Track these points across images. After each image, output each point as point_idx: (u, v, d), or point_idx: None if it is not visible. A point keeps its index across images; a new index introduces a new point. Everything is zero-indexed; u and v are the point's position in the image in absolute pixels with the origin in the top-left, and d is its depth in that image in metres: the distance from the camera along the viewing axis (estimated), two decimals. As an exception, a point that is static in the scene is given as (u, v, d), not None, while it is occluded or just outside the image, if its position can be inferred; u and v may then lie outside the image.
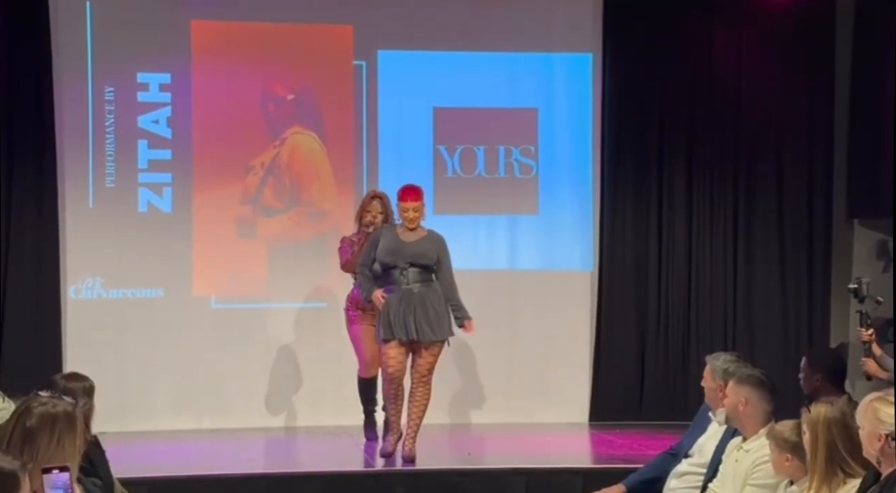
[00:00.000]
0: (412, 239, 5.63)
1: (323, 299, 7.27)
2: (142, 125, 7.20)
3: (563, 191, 7.54)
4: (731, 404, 4.26)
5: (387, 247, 5.59)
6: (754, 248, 7.50)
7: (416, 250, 5.60)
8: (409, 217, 5.62)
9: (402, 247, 5.59)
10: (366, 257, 5.66)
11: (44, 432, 2.58)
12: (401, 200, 5.68)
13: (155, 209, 7.23)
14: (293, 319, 7.29)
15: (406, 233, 5.65)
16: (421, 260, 5.58)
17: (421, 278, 5.57)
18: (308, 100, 7.43)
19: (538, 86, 7.55)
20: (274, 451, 6.37)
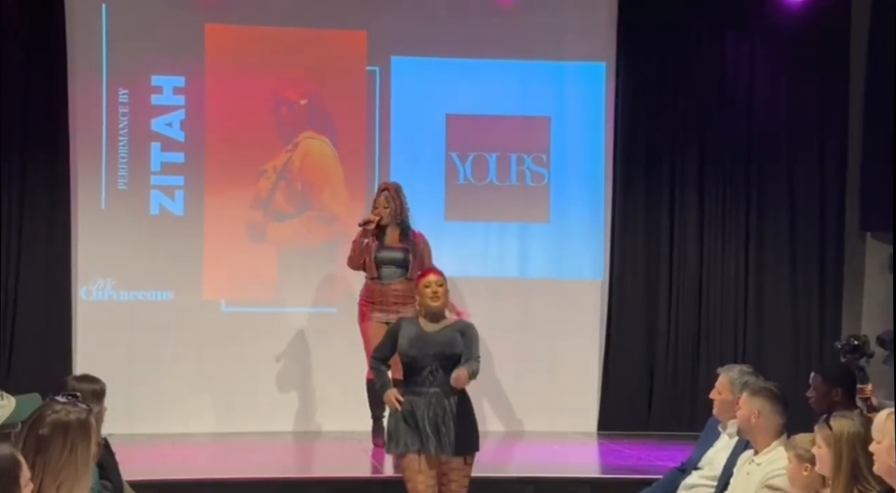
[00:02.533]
0: (437, 328, 4.79)
1: (332, 304, 7.28)
2: (155, 128, 7.22)
3: (574, 199, 7.53)
4: (744, 417, 4.24)
5: (409, 340, 4.77)
6: (765, 260, 7.48)
7: (441, 343, 4.74)
8: (432, 292, 4.76)
9: (426, 339, 4.75)
10: (383, 351, 4.87)
11: (56, 440, 2.57)
12: (421, 278, 4.90)
13: (167, 212, 7.24)
14: (302, 323, 7.29)
15: (429, 322, 4.80)
16: (447, 354, 4.74)
17: (447, 379, 4.70)
18: (321, 105, 7.44)
19: (551, 94, 7.54)
20: (281, 455, 6.37)
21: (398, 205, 6.06)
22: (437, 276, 4.83)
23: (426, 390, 4.69)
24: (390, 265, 5.98)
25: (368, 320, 6.00)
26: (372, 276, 5.98)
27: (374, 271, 5.95)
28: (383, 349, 4.88)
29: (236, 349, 7.13)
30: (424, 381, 4.72)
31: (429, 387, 4.70)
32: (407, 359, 4.76)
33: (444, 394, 4.68)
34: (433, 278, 4.83)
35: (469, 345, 4.75)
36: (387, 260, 5.98)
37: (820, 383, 4.67)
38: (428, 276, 4.85)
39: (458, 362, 4.71)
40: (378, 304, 5.91)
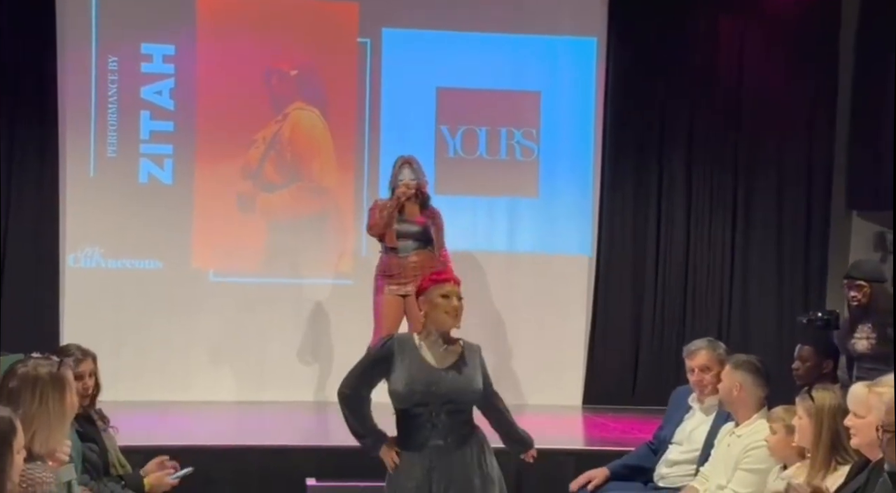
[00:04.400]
0: (447, 361, 3.56)
1: (320, 276, 7.30)
2: (144, 96, 7.20)
3: (563, 175, 7.54)
4: (726, 389, 4.29)
5: (407, 376, 3.50)
6: (752, 237, 7.52)
7: (455, 380, 3.53)
8: (453, 306, 3.55)
9: (434, 379, 3.51)
10: (357, 382, 3.59)
11: (25, 392, 2.64)
12: (433, 282, 3.63)
13: (156, 180, 7.24)
14: (291, 294, 7.30)
15: (436, 350, 3.57)
16: (463, 398, 3.53)
17: (458, 428, 3.53)
18: (311, 76, 7.42)
19: (542, 68, 7.54)
20: (268, 424, 6.40)
21: (422, 176, 6.08)
22: (457, 285, 3.60)
23: (428, 444, 3.49)
24: (408, 238, 6.00)
25: (383, 293, 6.01)
26: (392, 246, 5.98)
27: (393, 241, 5.96)
28: (363, 381, 3.58)
29: (224, 319, 7.16)
30: (420, 429, 3.50)
31: (427, 439, 3.49)
32: (402, 404, 3.50)
33: (450, 448, 3.50)
34: (453, 288, 3.56)
35: (487, 379, 3.66)
36: (405, 233, 6.00)
37: (811, 354, 4.72)
38: (447, 283, 3.58)
39: (470, 405, 3.57)
40: (396, 277, 5.93)
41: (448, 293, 3.55)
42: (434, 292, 3.57)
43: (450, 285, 3.57)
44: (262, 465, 5.11)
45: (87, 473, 3.81)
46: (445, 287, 3.57)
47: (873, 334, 4.98)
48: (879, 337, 4.94)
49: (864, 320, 5.07)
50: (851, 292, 5.09)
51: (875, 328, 4.99)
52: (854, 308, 5.09)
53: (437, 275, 3.71)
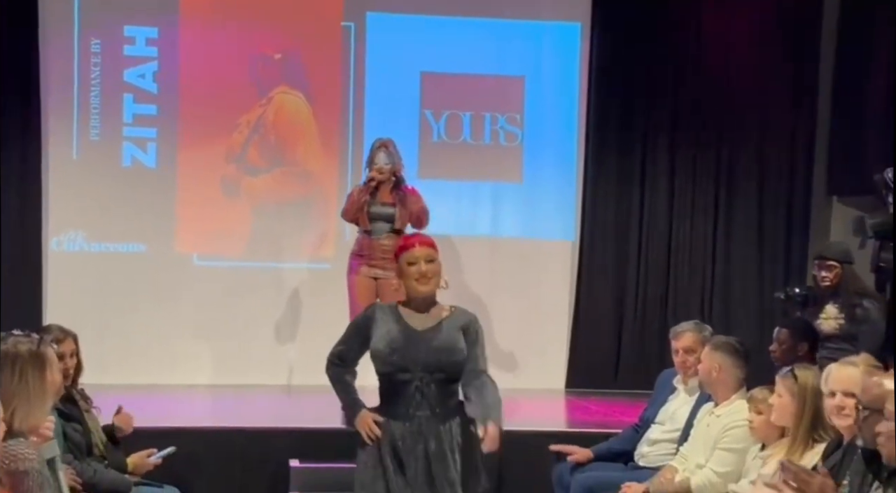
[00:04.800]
0: (428, 322, 3.46)
1: (304, 260, 7.31)
2: (127, 79, 7.18)
3: (547, 160, 7.57)
4: (706, 370, 4.34)
5: (388, 341, 3.41)
6: (734, 222, 7.57)
7: (436, 342, 3.41)
8: (418, 273, 3.43)
9: (414, 341, 3.41)
10: (347, 348, 3.54)
11: (5, 368, 2.65)
12: (402, 249, 3.51)
13: (139, 164, 7.22)
14: (274, 278, 7.31)
15: (416, 314, 3.47)
16: (448, 364, 3.40)
17: (447, 400, 3.42)
18: (295, 59, 7.41)
19: (526, 53, 7.55)
20: (251, 406, 6.42)
21: (397, 160, 6.07)
22: (425, 247, 3.44)
23: (413, 415, 3.37)
24: (380, 220, 6.01)
25: (356, 273, 6.01)
26: (365, 229, 5.99)
27: (367, 224, 5.98)
28: (348, 346, 3.51)
29: (207, 302, 7.16)
30: (410, 401, 3.37)
31: (415, 410, 3.37)
32: (385, 369, 3.40)
33: (438, 419, 3.37)
34: (419, 251, 3.42)
35: (474, 351, 3.45)
36: (378, 215, 6.01)
37: (787, 337, 4.78)
38: (412, 248, 3.44)
39: (459, 373, 3.40)
40: (366, 257, 5.93)
41: (414, 259, 3.44)
42: (402, 262, 3.48)
43: (416, 250, 3.44)
44: (245, 447, 5.13)
45: (70, 452, 3.83)
46: (411, 253, 3.45)
47: (841, 314, 5.05)
48: (847, 318, 5.01)
49: (832, 301, 5.13)
50: (822, 272, 5.16)
51: (843, 309, 5.06)
52: (823, 288, 5.16)
53: (404, 241, 3.56)
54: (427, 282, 3.44)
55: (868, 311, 5.02)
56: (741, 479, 4.07)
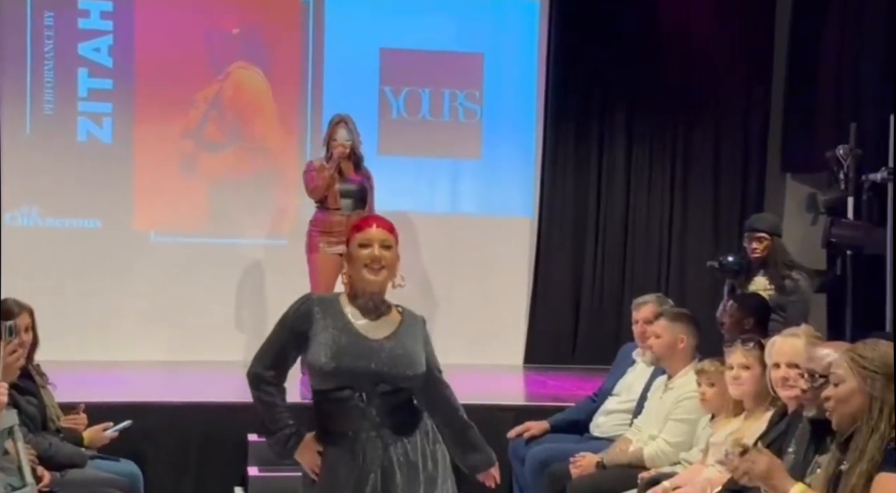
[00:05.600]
0: (382, 331, 2.81)
1: (263, 236, 7.28)
2: (82, 53, 7.09)
3: (505, 136, 7.60)
4: (668, 343, 4.38)
5: (332, 345, 2.73)
6: (690, 198, 7.66)
7: (393, 355, 2.78)
8: (373, 256, 2.78)
9: (365, 349, 2.76)
10: (267, 357, 2.80)
11: None
12: (359, 229, 2.85)
13: (94, 139, 7.15)
14: (233, 254, 7.29)
15: (367, 317, 2.81)
16: (400, 375, 2.77)
17: (396, 414, 2.78)
18: (253, 35, 7.36)
19: (485, 30, 7.56)
20: (209, 382, 6.41)
21: (356, 136, 6.05)
22: (383, 230, 2.81)
23: (356, 434, 2.72)
24: (348, 197, 6.00)
25: (318, 251, 5.98)
26: (335, 207, 5.96)
27: (336, 202, 5.95)
28: (279, 355, 2.78)
29: (165, 279, 7.13)
30: (349, 414, 2.71)
31: (359, 427, 2.72)
32: (324, 382, 2.72)
33: (387, 439, 2.75)
34: (376, 233, 2.79)
35: (432, 357, 2.89)
36: (346, 192, 6.00)
37: (734, 310, 4.86)
38: (368, 228, 2.81)
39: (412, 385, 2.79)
40: (336, 234, 5.90)
41: (367, 240, 2.77)
42: (353, 245, 2.80)
43: (372, 231, 2.78)
44: (203, 422, 5.12)
45: (25, 426, 3.80)
46: (365, 234, 2.78)
47: (770, 285, 5.16)
48: (776, 289, 5.12)
49: (762, 272, 5.23)
50: (752, 243, 5.27)
51: (772, 281, 5.16)
52: (753, 260, 5.26)
53: (359, 222, 2.89)
54: (378, 272, 2.76)
55: (797, 282, 5.14)
56: (692, 448, 4.15)
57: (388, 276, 2.81)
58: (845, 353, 2.71)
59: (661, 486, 3.87)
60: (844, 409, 2.65)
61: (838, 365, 2.68)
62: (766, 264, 5.23)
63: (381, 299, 2.85)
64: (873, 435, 2.59)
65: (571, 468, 4.30)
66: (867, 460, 2.57)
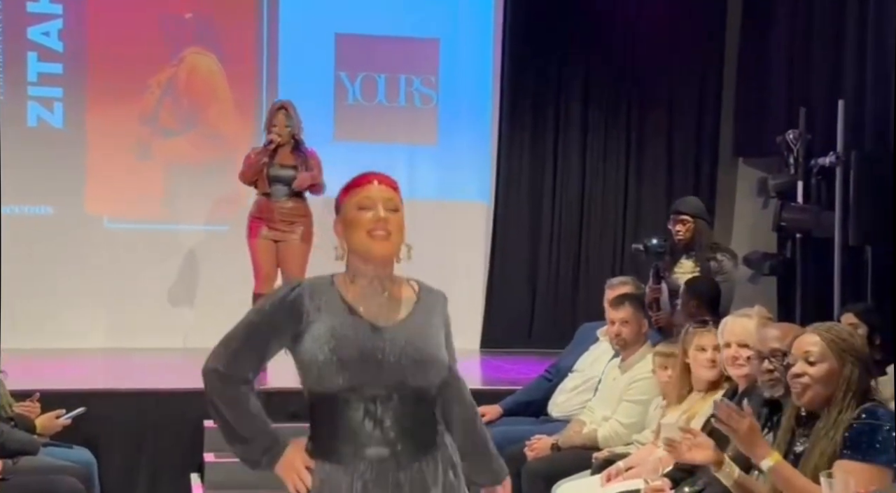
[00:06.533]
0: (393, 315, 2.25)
1: (219, 222, 7.24)
2: (31, 37, 6.99)
3: (461, 121, 7.61)
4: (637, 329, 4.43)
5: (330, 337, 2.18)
6: (645, 183, 7.73)
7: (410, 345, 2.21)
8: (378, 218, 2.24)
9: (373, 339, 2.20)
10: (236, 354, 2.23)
11: None
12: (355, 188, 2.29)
13: (45, 124, 7.06)
14: (188, 241, 7.24)
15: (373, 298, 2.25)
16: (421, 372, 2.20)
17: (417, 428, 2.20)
18: (207, 20, 7.30)
19: (440, 15, 7.56)
20: (164, 368, 6.37)
21: (297, 123, 6.02)
22: (387, 187, 2.27)
23: (364, 453, 2.14)
24: (280, 183, 5.97)
25: (256, 236, 5.95)
26: (264, 191, 5.94)
27: (266, 187, 5.93)
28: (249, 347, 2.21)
29: (119, 265, 7.06)
30: (358, 430, 2.14)
31: (366, 443, 2.14)
32: (323, 384, 2.16)
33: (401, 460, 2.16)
34: (378, 191, 2.25)
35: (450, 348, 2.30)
36: (278, 178, 5.97)
37: (683, 293, 4.93)
38: (367, 185, 2.25)
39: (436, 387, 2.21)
40: (266, 220, 5.89)
41: (369, 201, 2.21)
42: (347, 209, 2.23)
43: (372, 188, 2.23)
44: (157, 408, 5.09)
45: (-25, 414, 3.77)
46: (364, 193, 2.23)
47: (696, 268, 5.23)
48: (702, 272, 5.19)
49: (687, 255, 5.30)
50: (676, 226, 5.34)
51: (697, 263, 5.23)
52: (677, 242, 5.34)
53: (353, 180, 2.29)
54: (386, 237, 2.20)
55: (721, 264, 5.21)
56: (644, 429, 4.21)
57: (398, 242, 2.24)
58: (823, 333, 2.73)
59: (614, 466, 3.92)
60: (819, 389, 2.67)
61: (814, 344, 2.71)
62: (691, 246, 5.30)
63: (389, 274, 2.26)
64: (840, 417, 2.64)
65: (526, 451, 4.33)
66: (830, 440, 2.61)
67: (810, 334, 2.76)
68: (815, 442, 2.66)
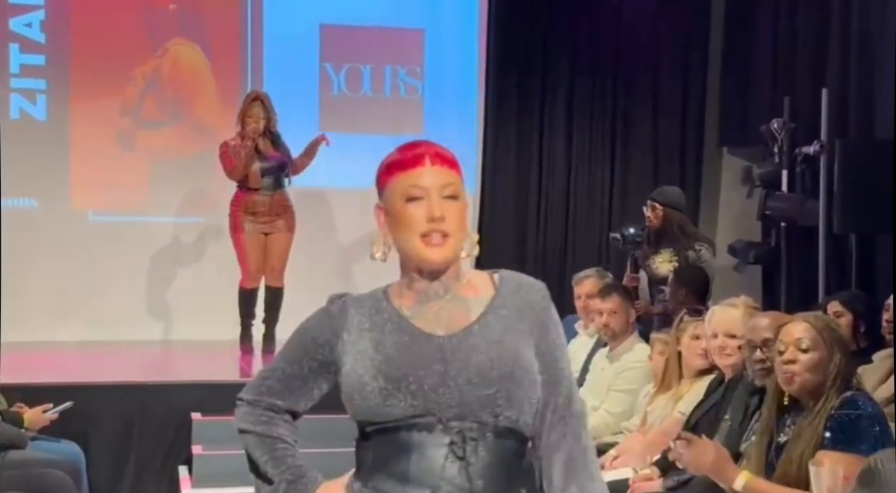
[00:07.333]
0: (456, 319, 1.82)
1: (204, 214, 7.21)
2: (13, 28, 6.94)
3: (447, 112, 7.60)
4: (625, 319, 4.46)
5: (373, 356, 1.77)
6: (630, 172, 7.74)
7: (475, 354, 1.76)
8: (433, 217, 1.80)
9: (435, 351, 1.77)
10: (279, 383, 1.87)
11: None
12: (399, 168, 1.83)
13: (28, 116, 7.01)
14: (174, 233, 7.21)
15: (430, 301, 1.84)
16: (508, 403, 1.74)
17: (503, 462, 1.73)
18: (191, 10, 7.26)
19: (426, 6, 7.55)
20: (150, 362, 6.36)
21: (272, 114, 6.00)
22: (441, 166, 1.84)
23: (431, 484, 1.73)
24: (269, 175, 5.96)
25: (242, 230, 5.94)
26: (255, 186, 5.92)
27: (258, 182, 5.91)
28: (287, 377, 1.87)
29: (105, 258, 7.03)
30: (426, 463, 1.74)
31: (438, 482, 1.73)
32: (378, 414, 1.76)
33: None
34: (430, 173, 1.82)
35: (554, 364, 1.83)
36: (267, 170, 5.96)
37: (672, 282, 4.96)
38: (418, 165, 1.82)
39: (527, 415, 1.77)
40: (259, 214, 5.87)
41: (419, 189, 1.79)
42: (392, 192, 1.82)
43: (423, 171, 1.80)
44: (145, 401, 5.08)
45: (-38, 409, 3.75)
46: (415, 176, 1.80)
47: (675, 258, 5.26)
48: (680, 261, 5.23)
49: (664, 244, 5.33)
50: (649, 213, 5.41)
51: (677, 253, 5.26)
52: (651, 229, 5.39)
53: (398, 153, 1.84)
54: (442, 244, 1.78)
55: (700, 253, 5.25)
56: (632, 417, 4.23)
57: (457, 246, 1.79)
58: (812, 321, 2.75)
59: (605, 456, 3.94)
60: (808, 376, 2.69)
61: (805, 331, 2.73)
62: (667, 235, 5.33)
63: (454, 272, 1.83)
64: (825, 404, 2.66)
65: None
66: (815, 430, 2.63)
67: (799, 321, 2.78)
68: (799, 431, 2.68)
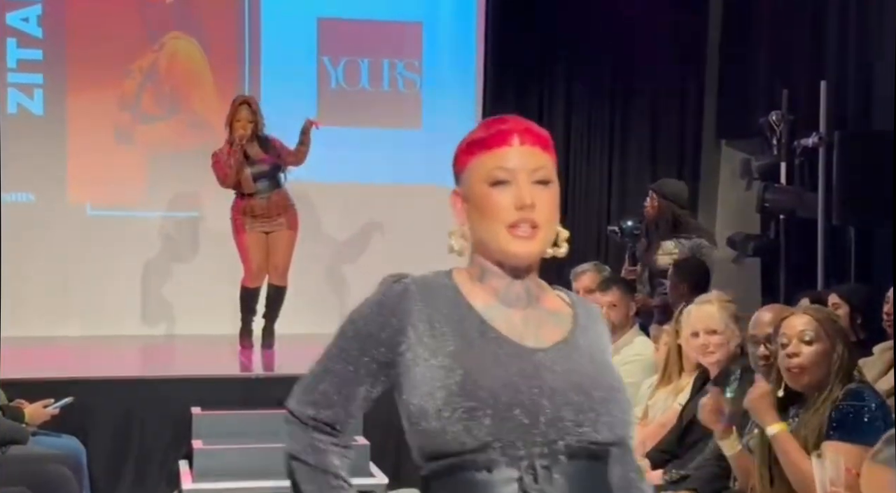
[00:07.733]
0: (546, 333, 1.57)
1: (202, 209, 7.21)
2: (10, 23, 6.92)
3: (446, 106, 7.58)
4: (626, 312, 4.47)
5: (449, 368, 1.49)
6: (629, 166, 7.75)
7: (577, 375, 1.52)
8: (524, 203, 1.58)
9: (516, 364, 1.51)
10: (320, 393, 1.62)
11: None
12: (481, 147, 1.61)
13: (25, 111, 7.00)
14: (172, 227, 7.21)
15: (513, 307, 1.58)
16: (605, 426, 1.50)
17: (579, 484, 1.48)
18: (188, 4, 7.25)
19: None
20: (148, 356, 6.36)
21: (260, 118, 5.99)
22: (532, 146, 1.68)
23: None
24: (263, 179, 5.96)
25: (245, 231, 5.94)
26: (249, 191, 5.91)
27: (251, 187, 5.90)
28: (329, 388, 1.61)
29: (103, 253, 7.03)
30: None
31: None
32: (453, 442, 1.47)
33: None
34: (521, 154, 1.64)
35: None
36: (259, 174, 5.95)
37: (671, 275, 4.96)
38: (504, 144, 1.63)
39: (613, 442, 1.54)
40: (260, 216, 5.86)
41: (505, 172, 1.61)
42: (473, 174, 1.61)
43: (511, 152, 1.62)
44: (145, 396, 5.08)
45: (-37, 404, 3.75)
46: (501, 157, 1.61)
47: (676, 250, 5.26)
48: (681, 253, 5.22)
49: (659, 236, 5.34)
50: (646, 201, 5.41)
51: (677, 246, 5.27)
52: (647, 218, 5.40)
53: (482, 129, 1.64)
54: (533, 235, 1.58)
55: (700, 246, 5.24)
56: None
57: (547, 239, 1.58)
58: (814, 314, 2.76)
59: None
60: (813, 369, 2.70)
61: (808, 324, 2.73)
62: (661, 227, 5.34)
63: (536, 280, 1.62)
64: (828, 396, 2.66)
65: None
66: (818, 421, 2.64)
67: (801, 314, 2.78)
68: (802, 423, 2.69)
